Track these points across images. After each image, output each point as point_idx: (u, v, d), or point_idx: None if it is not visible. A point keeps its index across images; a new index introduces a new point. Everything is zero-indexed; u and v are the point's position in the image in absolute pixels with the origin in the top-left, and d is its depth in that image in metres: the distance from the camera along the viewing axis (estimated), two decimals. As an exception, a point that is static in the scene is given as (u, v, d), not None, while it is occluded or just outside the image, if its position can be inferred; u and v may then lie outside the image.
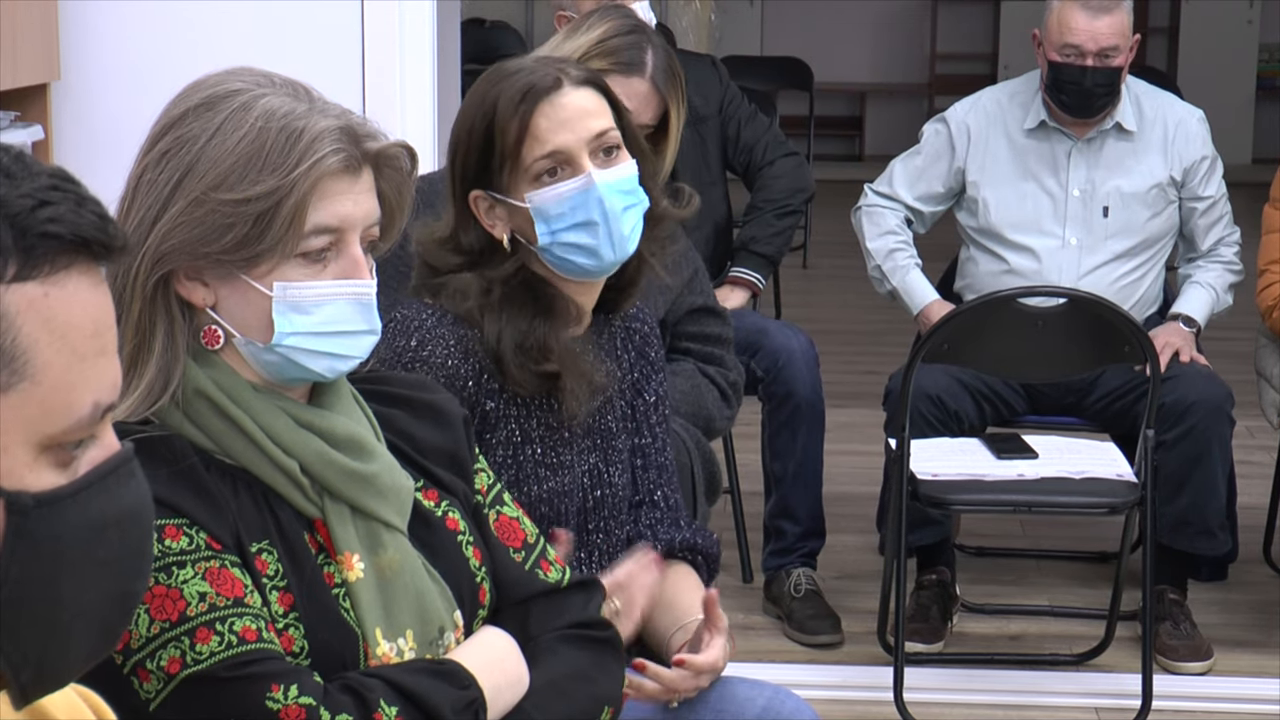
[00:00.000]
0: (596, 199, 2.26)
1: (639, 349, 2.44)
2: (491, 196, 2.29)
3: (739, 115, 4.56)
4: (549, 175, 2.26)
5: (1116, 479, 3.76)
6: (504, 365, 2.26)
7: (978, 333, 3.80)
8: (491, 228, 2.30)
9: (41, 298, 1.11)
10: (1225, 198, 4.33)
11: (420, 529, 1.89)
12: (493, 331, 2.26)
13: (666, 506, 2.43)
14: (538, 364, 2.25)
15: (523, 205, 2.27)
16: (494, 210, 2.30)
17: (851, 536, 4.66)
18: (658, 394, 2.44)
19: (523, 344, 2.25)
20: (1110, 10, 4.11)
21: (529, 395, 2.29)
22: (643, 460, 2.42)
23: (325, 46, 3.84)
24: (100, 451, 1.16)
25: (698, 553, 2.41)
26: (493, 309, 2.27)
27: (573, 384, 2.27)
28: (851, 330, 7.06)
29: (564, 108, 2.26)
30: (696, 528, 2.43)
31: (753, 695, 2.23)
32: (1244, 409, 4.16)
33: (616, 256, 2.29)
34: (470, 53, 5.44)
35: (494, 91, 2.27)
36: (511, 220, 2.30)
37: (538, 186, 2.26)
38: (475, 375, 2.26)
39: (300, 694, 1.72)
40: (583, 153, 2.26)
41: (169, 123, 1.80)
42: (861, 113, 12.11)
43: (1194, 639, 4.05)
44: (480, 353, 2.27)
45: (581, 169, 2.26)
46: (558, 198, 2.26)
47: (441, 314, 2.28)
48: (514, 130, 2.25)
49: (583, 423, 2.34)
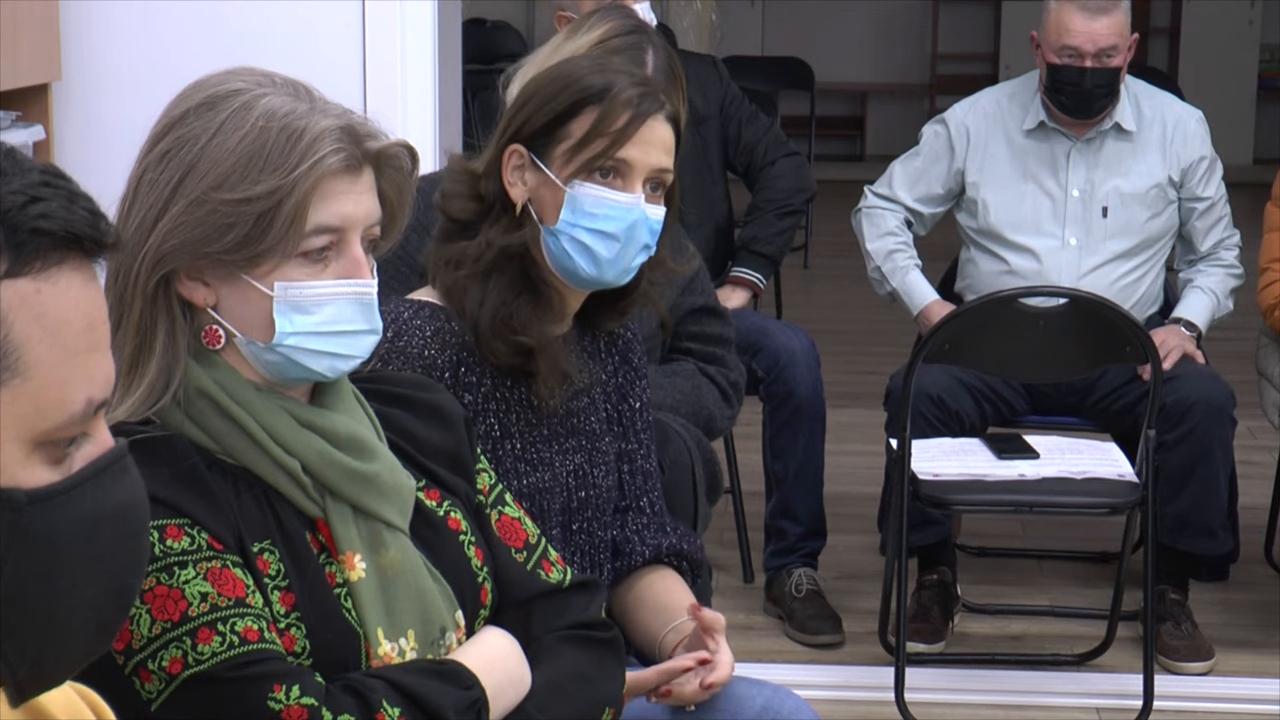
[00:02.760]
0: (632, 222, 2.28)
1: (623, 354, 2.45)
2: (531, 159, 2.29)
3: (740, 115, 4.56)
4: (601, 175, 2.28)
5: (1118, 479, 3.76)
6: (480, 334, 2.25)
7: (979, 333, 3.80)
8: (510, 186, 2.30)
9: (33, 294, 1.11)
10: (1225, 199, 4.32)
11: (422, 529, 1.89)
12: (475, 300, 2.26)
13: (652, 512, 2.44)
14: (514, 333, 2.25)
15: (560, 185, 2.27)
16: (522, 172, 2.30)
17: (852, 536, 4.66)
18: (642, 400, 2.45)
19: (502, 314, 2.25)
20: (1108, 11, 4.11)
21: (505, 375, 2.28)
22: (629, 466, 2.43)
23: (326, 46, 3.84)
24: (94, 448, 1.16)
25: (683, 558, 2.42)
26: (480, 277, 2.27)
27: (546, 369, 2.27)
28: (852, 330, 7.06)
29: (652, 130, 2.29)
30: (682, 533, 2.45)
31: (752, 695, 2.23)
32: (1245, 409, 4.16)
33: (609, 278, 2.30)
34: (471, 53, 5.44)
35: (602, 79, 2.28)
36: (535, 191, 2.30)
37: (588, 179, 2.27)
38: (452, 367, 2.26)
39: (302, 694, 1.72)
40: (640, 176, 2.29)
41: (170, 122, 1.80)
42: (863, 113, 12.12)
43: (1195, 639, 4.05)
44: (457, 345, 2.26)
45: (634, 189, 2.29)
46: (599, 199, 2.27)
47: (418, 307, 2.28)
48: (601, 123, 2.26)
49: (565, 422, 2.34)
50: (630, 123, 2.26)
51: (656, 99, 2.30)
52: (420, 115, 3.88)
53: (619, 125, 2.26)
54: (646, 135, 2.28)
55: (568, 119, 2.28)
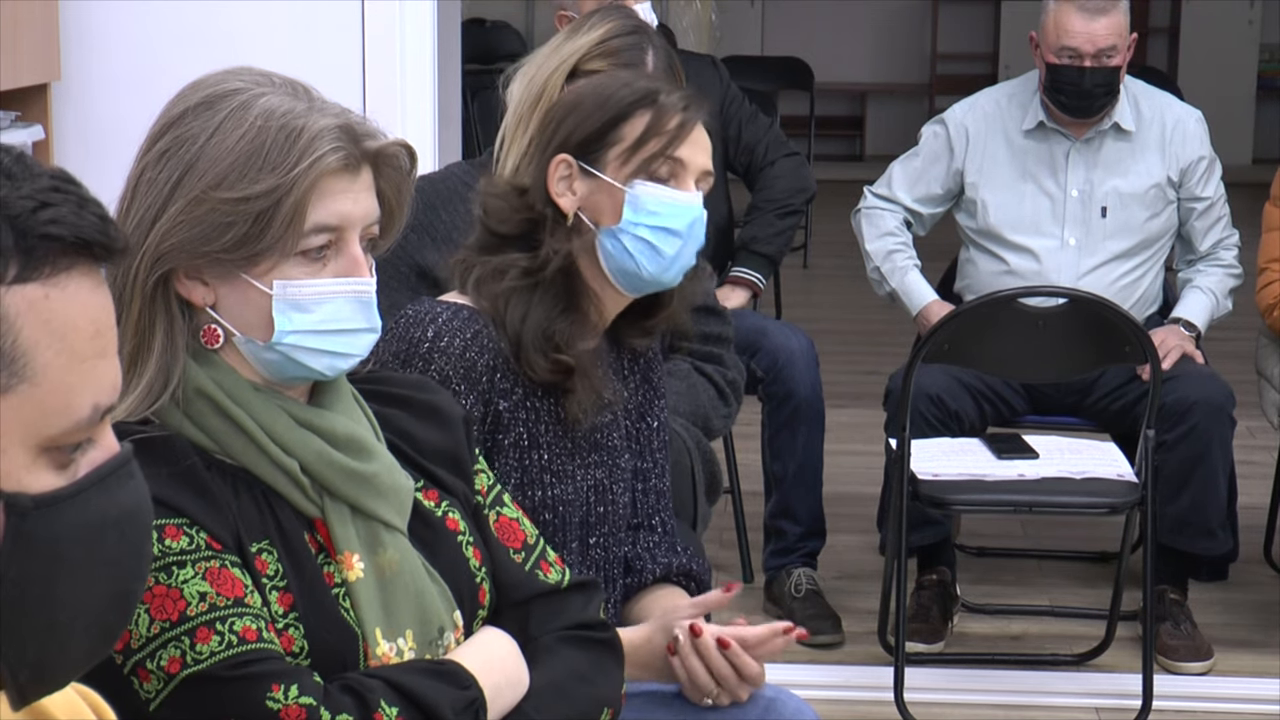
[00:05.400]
0: (693, 218, 2.32)
1: (644, 373, 2.45)
2: (581, 167, 2.30)
3: (740, 115, 4.56)
4: (657, 175, 2.31)
5: (1117, 479, 3.76)
6: (521, 348, 2.26)
7: (978, 333, 3.80)
8: (559, 196, 2.30)
9: (42, 299, 1.11)
10: (1224, 199, 4.32)
11: (420, 529, 1.89)
12: (517, 314, 2.27)
13: (664, 531, 2.46)
14: (557, 350, 2.26)
15: (619, 186, 2.29)
16: (570, 181, 2.31)
17: (852, 536, 4.66)
18: (660, 420, 2.47)
19: (546, 330, 2.26)
20: (1107, 11, 4.11)
21: (538, 387, 2.28)
22: (643, 484, 2.45)
23: (325, 46, 3.84)
24: (100, 453, 1.16)
25: (692, 579, 2.44)
26: (526, 292, 2.28)
27: (582, 388, 2.28)
28: (852, 330, 7.06)
29: (699, 133, 2.34)
30: (691, 554, 2.46)
31: (753, 694, 2.24)
32: (1245, 409, 4.16)
33: (669, 275, 2.33)
34: (470, 53, 5.45)
35: (648, 84, 2.33)
36: (586, 199, 2.31)
37: (648, 179, 2.29)
38: (489, 372, 2.26)
39: (300, 694, 1.72)
40: (693, 176, 2.33)
41: (168, 122, 1.80)
42: (862, 113, 12.12)
43: (1194, 639, 4.05)
44: (495, 350, 2.26)
45: (689, 187, 2.33)
46: (661, 198, 2.30)
47: (456, 309, 2.28)
48: (656, 123, 2.29)
49: (588, 436, 2.35)
50: (683, 123, 2.31)
51: (699, 105, 2.35)
52: (419, 115, 3.88)
53: (674, 125, 2.30)
54: (696, 136, 2.33)
55: (620, 122, 2.30)
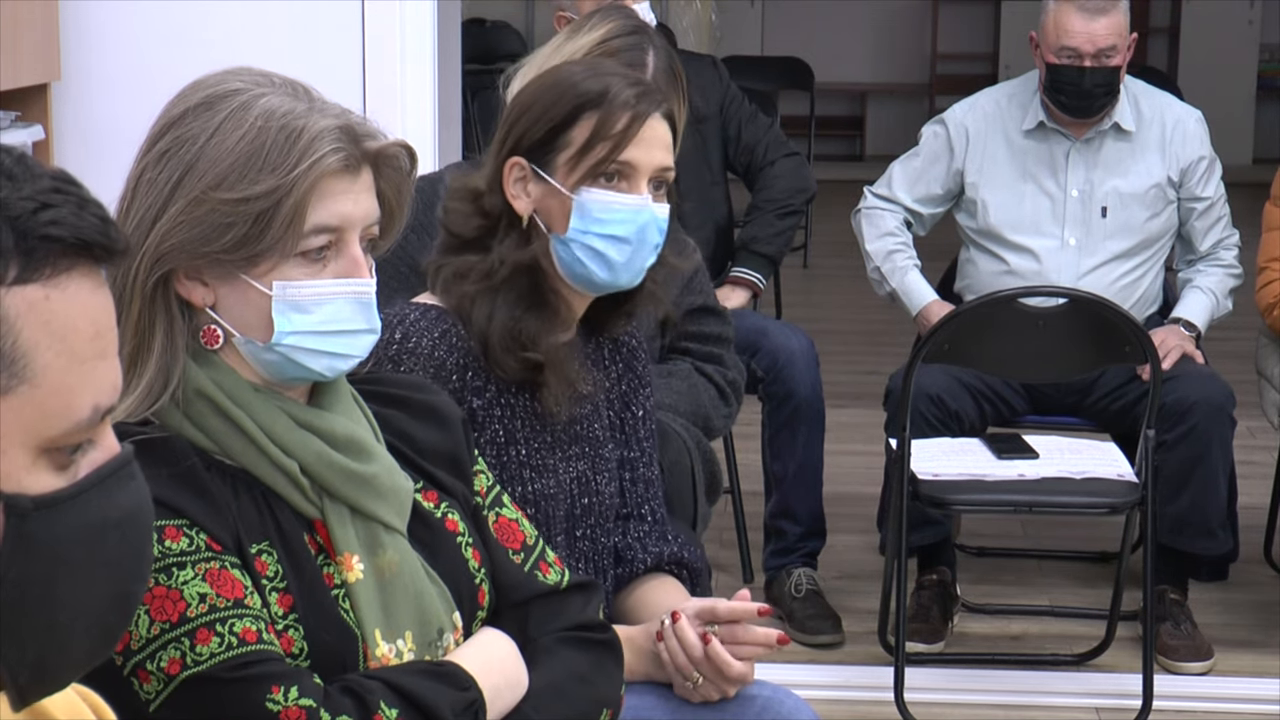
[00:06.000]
0: (642, 224, 2.28)
1: (627, 361, 2.44)
2: (533, 170, 2.29)
3: (740, 115, 4.56)
4: (606, 179, 2.28)
5: (1117, 479, 3.76)
6: (489, 349, 2.25)
7: (978, 333, 3.80)
8: (514, 199, 2.29)
9: (42, 300, 1.11)
10: (1224, 199, 4.32)
11: (419, 530, 1.89)
12: (483, 315, 2.25)
13: (654, 520, 2.44)
14: (524, 349, 2.25)
15: (567, 194, 2.27)
16: (525, 184, 2.29)
17: (852, 536, 4.66)
18: (645, 408, 2.45)
19: (512, 330, 2.25)
20: (1107, 11, 4.10)
21: (511, 383, 2.28)
22: (631, 474, 2.43)
23: (325, 46, 3.84)
24: (100, 454, 1.16)
25: (684, 566, 2.43)
26: (489, 293, 2.27)
27: (554, 381, 2.27)
28: (852, 330, 7.06)
29: (653, 129, 2.29)
30: (683, 542, 2.45)
31: (752, 694, 2.23)
32: (1245, 409, 4.16)
33: (623, 281, 2.30)
34: (470, 53, 5.45)
35: (597, 84, 2.28)
36: (540, 201, 2.29)
37: (594, 185, 2.27)
38: (460, 370, 2.26)
39: (300, 695, 1.72)
40: (645, 177, 2.29)
41: (168, 122, 1.80)
42: (862, 113, 12.11)
43: (1194, 639, 4.05)
44: (464, 349, 2.26)
45: (639, 190, 2.28)
46: (608, 204, 2.27)
47: (425, 309, 2.28)
48: (602, 127, 2.25)
49: (568, 429, 2.34)
50: (631, 124, 2.26)
51: (653, 97, 2.29)
52: (420, 115, 3.88)
53: (619, 128, 2.26)
54: (647, 135, 2.28)
55: (567, 127, 2.27)
